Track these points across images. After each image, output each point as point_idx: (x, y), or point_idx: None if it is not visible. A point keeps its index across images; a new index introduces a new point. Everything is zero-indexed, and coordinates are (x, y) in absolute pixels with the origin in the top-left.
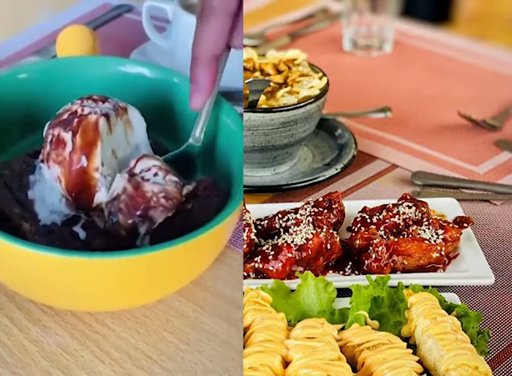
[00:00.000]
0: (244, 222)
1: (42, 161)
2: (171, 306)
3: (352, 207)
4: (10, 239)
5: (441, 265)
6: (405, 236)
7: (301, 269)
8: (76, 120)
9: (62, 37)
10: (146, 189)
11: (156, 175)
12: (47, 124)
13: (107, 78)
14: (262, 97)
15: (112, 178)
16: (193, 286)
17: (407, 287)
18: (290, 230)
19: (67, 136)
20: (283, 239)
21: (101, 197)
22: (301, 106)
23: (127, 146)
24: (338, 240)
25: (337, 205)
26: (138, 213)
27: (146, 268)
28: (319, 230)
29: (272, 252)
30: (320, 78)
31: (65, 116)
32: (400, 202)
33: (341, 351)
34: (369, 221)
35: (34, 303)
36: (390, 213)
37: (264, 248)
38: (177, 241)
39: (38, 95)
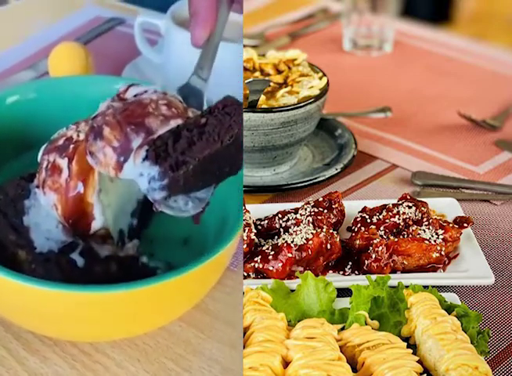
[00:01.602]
0: (244, 222)
1: (37, 187)
2: (172, 332)
3: (352, 207)
4: (6, 272)
5: (441, 265)
6: (405, 236)
7: (301, 269)
8: (72, 146)
9: (54, 55)
10: (142, 97)
11: (155, 92)
12: (42, 148)
13: (101, 98)
14: (262, 97)
15: (112, 209)
16: (194, 310)
17: (407, 287)
18: (290, 230)
19: (63, 163)
20: (283, 239)
21: (98, 223)
22: (301, 106)
23: None
24: (338, 240)
25: (337, 205)
26: (131, 121)
27: (146, 299)
28: (319, 230)
29: (272, 252)
30: (320, 78)
31: (60, 142)
32: (400, 202)
33: (341, 351)
34: (369, 221)
35: (32, 333)
36: (390, 213)
37: (264, 248)
38: (179, 271)
39: (31, 116)
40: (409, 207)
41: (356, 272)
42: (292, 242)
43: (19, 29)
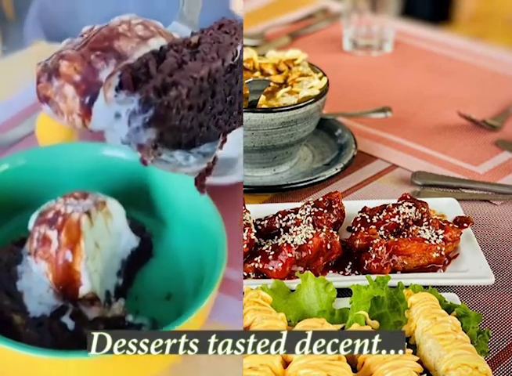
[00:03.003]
0: (244, 222)
1: (29, 254)
2: None
3: (352, 207)
4: (4, 341)
5: (441, 265)
6: (405, 236)
7: (301, 269)
8: (60, 219)
9: (41, 121)
10: (109, 23)
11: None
12: (32, 217)
13: (87, 162)
14: (262, 97)
15: (98, 274)
16: (180, 362)
17: (407, 287)
18: (290, 230)
19: (53, 234)
20: (283, 239)
21: (86, 289)
22: (301, 106)
23: (108, 234)
24: (338, 240)
25: (337, 205)
26: (96, 46)
27: (136, 358)
28: (319, 230)
29: (272, 252)
30: (320, 78)
31: (50, 215)
32: (400, 202)
33: None
34: (369, 221)
35: None
36: (390, 213)
37: (264, 248)
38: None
39: (21, 182)
40: (409, 207)
41: (356, 272)
42: (292, 242)
43: (11, 83)
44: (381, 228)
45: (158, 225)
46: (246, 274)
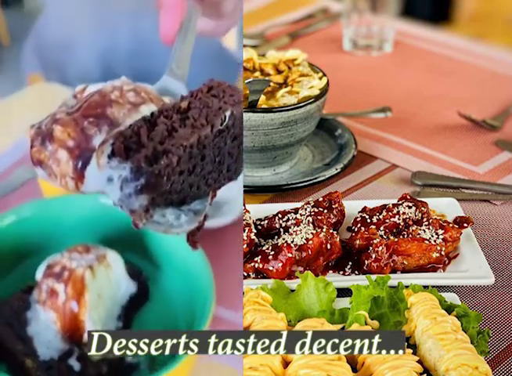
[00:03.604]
0: (244, 222)
1: (38, 302)
2: None
3: (352, 207)
4: None
5: (441, 265)
6: (405, 236)
7: (301, 269)
8: (66, 273)
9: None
10: (102, 87)
11: (119, 79)
12: (40, 269)
13: (87, 212)
14: (262, 97)
15: (101, 321)
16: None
17: (407, 287)
18: (290, 230)
19: (60, 288)
20: (283, 239)
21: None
22: (301, 106)
23: (109, 284)
24: (338, 240)
25: (337, 205)
26: (89, 113)
27: None
28: (319, 230)
29: (272, 252)
30: (320, 78)
31: (57, 269)
32: (400, 202)
33: None
34: (369, 221)
35: None
36: (390, 213)
37: (264, 248)
38: (160, 372)
39: (27, 232)
40: (409, 207)
41: (356, 272)
42: (292, 242)
43: (11, 128)
44: (381, 228)
45: (153, 268)
46: (246, 274)
